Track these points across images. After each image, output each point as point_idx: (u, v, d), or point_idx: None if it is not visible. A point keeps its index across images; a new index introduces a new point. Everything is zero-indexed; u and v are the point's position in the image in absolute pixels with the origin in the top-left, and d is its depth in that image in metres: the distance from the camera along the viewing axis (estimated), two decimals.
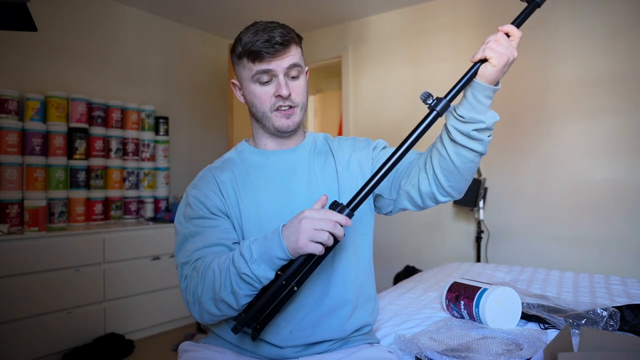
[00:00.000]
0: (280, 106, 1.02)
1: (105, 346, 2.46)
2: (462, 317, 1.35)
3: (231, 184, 1.04)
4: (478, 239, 2.84)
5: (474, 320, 1.29)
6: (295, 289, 0.87)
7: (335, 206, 0.86)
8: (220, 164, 1.10)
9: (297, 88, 1.03)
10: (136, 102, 3.24)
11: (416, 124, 0.92)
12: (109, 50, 3.14)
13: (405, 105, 3.29)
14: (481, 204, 2.82)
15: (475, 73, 0.91)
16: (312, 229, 0.81)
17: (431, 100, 0.91)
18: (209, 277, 0.89)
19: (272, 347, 1.01)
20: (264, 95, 1.02)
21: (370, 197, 1.11)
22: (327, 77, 5.11)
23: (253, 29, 1.00)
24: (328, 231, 0.82)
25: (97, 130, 2.96)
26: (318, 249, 0.81)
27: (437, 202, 1.04)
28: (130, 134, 3.16)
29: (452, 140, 0.95)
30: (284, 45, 0.99)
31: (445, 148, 0.96)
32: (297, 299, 1.01)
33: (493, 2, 2.93)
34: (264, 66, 0.99)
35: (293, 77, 1.03)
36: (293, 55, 1.01)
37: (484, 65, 0.90)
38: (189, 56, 3.69)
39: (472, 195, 2.76)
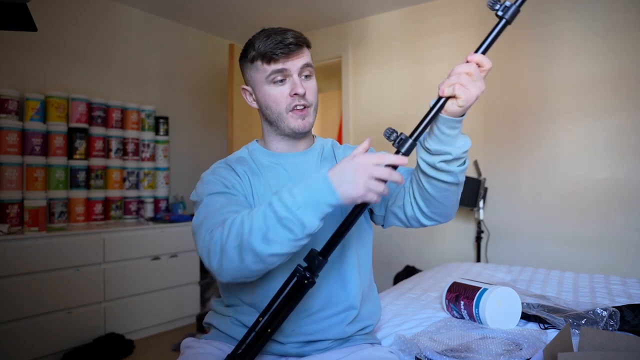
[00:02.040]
0: (296, 105, 1.03)
1: (105, 346, 2.46)
2: (462, 317, 1.35)
3: (247, 177, 1.06)
4: (478, 239, 2.84)
5: (474, 321, 1.29)
6: (269, 331, 0.85)
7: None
8: (236, 159, 1.11)
9: (311, 88, 1.05)
10: (136, 102, 3.24)
11: (416, 123, 0.92)
12: (109, 50, 3.14)
13: (405, 106, 3.29)
14: (481, 204, 2.82)
15: (441, 108, 0.86)
16: (371, 178, 0.78)
17: (395, 138, 0.84)
18: (236, 225, 0.84)
19: (273, 343, 1.03)
20: (279, 95, 1.03)
21: (367, 210, 1.13)
22: (327, 77, 5.11)
23: (265, 33, 1.03)
24: (387, 178, 0.79)
25: (97, 130, 2.96)
26: (374, 199, 0.79)
27: (423, 225, 1.04)
28: (130, 134, 3.16)
29: (422, 171, 0.95)
30: (298, 45, 1.02)
31: (419, 177, 0.96)
32: (303, 301, 1.01)
33: None
34: (279, 66, 1.01)
35: (306, 77, 1.05)
36: (305, 56, 1.04)
37: (450, 101, 0.85)
38: (189, 56, 3.69)
39: (472, 195, 2.76)
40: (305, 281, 0.83)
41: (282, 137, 1.10)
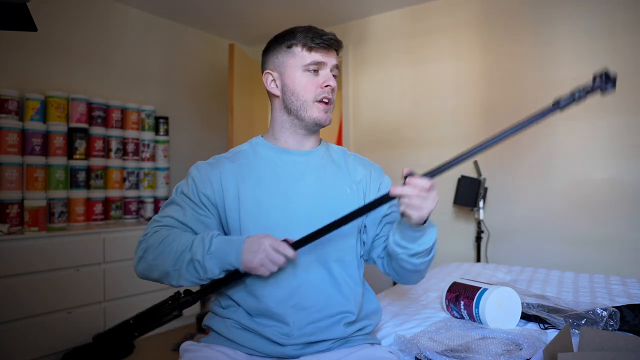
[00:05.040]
0: (324, 98, 1.07)
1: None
2: (462, 318, 1.35)
3: (234, 177, 1.07)
4: (478, 239, 2.84)
5: (474, 321, 1.29)
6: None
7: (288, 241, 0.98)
8: (231, 155, 1.14)
9: (336, 88, 1.11)
10: (136, 102, 3.24)
11: (417, 123, 0.94)
12: (109, 51, 3.14)
13: (405, 105, 3.28)
14: (481, 204, 2.82)
15: (383, 201, 0.97)
16: (268, 260, 0.94)
17: None
18: (164, 248, 0.99)
19: (273, 345, 1.02)
20: (311, 84, 1.07)
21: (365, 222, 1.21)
22: None
23: (306, 27, 1.09)
24: (279, 264, 0.95)
25: (97, 130, 2.96)
26: (265, 274, 0.95)
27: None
28: (130, 134, 3.16)
29: (388, 251, 1.08)
30: (338, 45, 1.10)
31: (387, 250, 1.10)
32: (302, 300, 1.03)
33: (493, 2, 2.93)
34: (318, 58, 1.07)
35: (334, 76, 1.11)
36: (336, 58, 1.12)
37: (406, 217, 0.96)
38: (189, 56, 3.69)
39: (472, 195, 2.75)
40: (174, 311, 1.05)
41: (295, 130, 1.12)
